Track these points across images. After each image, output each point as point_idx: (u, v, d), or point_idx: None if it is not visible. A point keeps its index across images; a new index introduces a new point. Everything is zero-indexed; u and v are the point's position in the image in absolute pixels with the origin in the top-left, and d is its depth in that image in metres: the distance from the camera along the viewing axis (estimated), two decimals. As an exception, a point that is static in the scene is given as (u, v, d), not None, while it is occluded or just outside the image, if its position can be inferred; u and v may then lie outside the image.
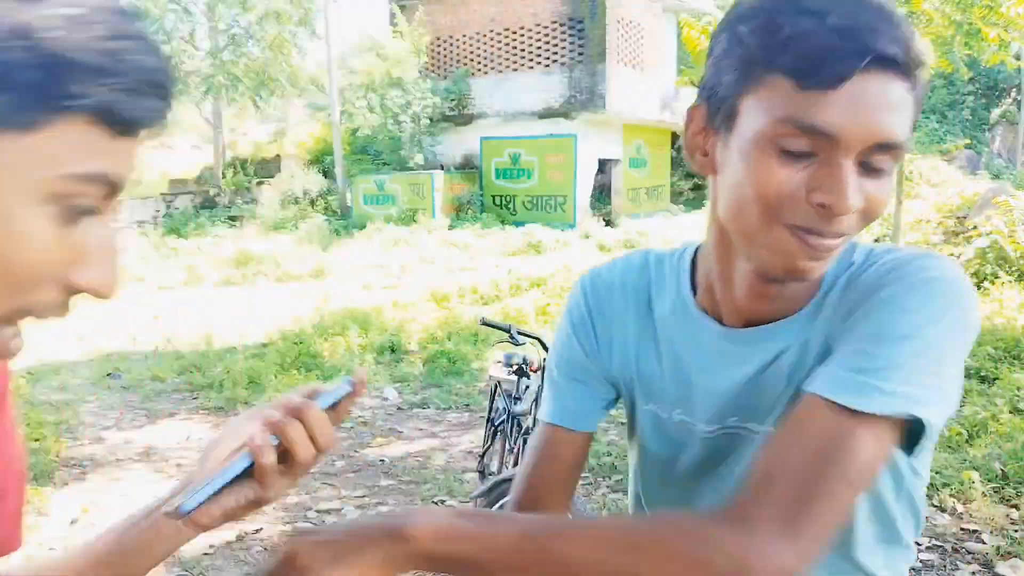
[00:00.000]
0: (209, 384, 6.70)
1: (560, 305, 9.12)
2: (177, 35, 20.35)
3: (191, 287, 14.52)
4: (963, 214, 9.68)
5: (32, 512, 4.17)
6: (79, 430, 5.65)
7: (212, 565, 3.53)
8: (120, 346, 8.87)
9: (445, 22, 19.75)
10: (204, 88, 20.28)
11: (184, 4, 20.25)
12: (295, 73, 20.97)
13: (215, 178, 20.83)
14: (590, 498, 4.12)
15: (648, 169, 20.23)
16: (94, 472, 4.83)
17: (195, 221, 18.82)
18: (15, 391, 1.59)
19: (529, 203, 18.54)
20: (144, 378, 7.11)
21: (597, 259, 13.61)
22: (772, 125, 0.69)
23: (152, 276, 15.16)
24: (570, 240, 15.95)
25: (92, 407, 6.32)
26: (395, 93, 18.56)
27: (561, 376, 0.96)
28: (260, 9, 19.68)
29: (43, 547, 3.77)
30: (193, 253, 16.99)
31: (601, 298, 0.95)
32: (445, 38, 19.83)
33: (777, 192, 0.71)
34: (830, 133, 0.67)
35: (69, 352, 8.71)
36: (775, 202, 0.71)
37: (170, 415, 6.05)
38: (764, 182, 0.71)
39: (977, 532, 3.51)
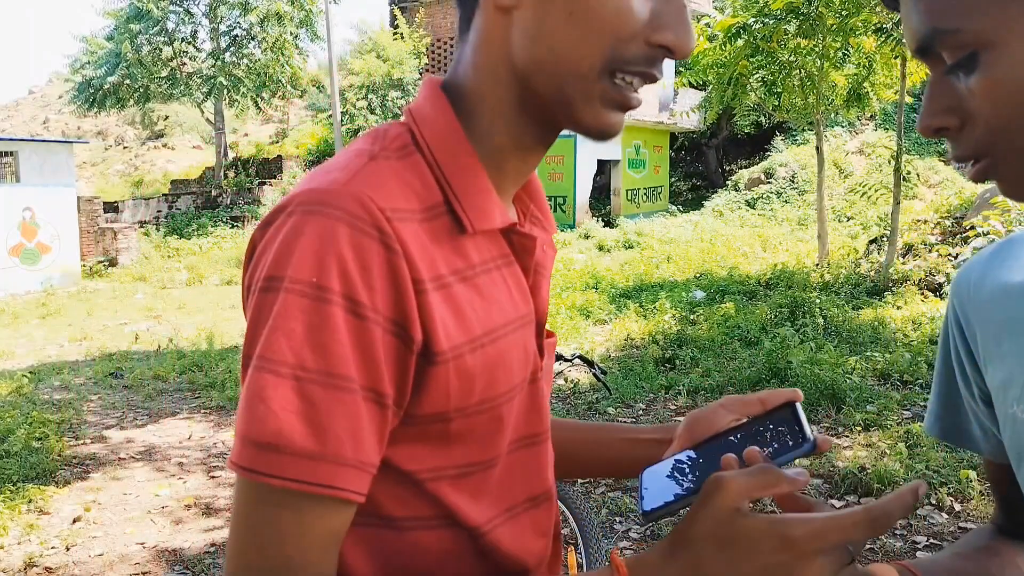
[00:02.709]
0: (211, 383, 6.73)
1: (559, 305, 9.15)
2: (179, 36, 20.40)
3: (193, 287, 14.56)
4: (961, 214, 9.70)
5: (34, 511, 4.20)
6: (81, 429, 5.68)
7: (214, 563, 3.56)
8: (122, 346, 8.90)
9: (445, 23, 19.78)
10: (206, 89, 20.32)
11: (186, 5, 20.28)
12: (296, 74, 21.01)
13: (217, 178, 20.86)
14: (589, 497, 4.15)
15: (647, 170, 20.26)
16: (96, 471, 4.86)
17: (197, 221, 18.86)
18: (17, 390, 1.61)
19: (529, 204, 18.56)
20: (146, 377, 7.14)
21: (597, 259, 13.65)
22: None
23: (154, 276, 15.20)
24: (570, 240, 15.98)
25: (94, 406, 6.35)
26: (395, 94, 18.60)
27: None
28: (261, 11, 19.71)
29: (44, 547, 3.79)
30: (195, 253, 17.03)
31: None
32: (445, 39, 19.85)
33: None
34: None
35: (71, 352, 8.74)
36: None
37: (172, 414, 6.08)
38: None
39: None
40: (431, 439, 0.68)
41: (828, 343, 6.61)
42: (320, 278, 0.59)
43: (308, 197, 0.62)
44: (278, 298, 0.60)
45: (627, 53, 0.66)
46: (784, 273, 9.84)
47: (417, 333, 0.63)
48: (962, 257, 8.44)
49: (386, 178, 0.65)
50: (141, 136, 29.13)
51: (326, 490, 0.60)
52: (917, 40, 0.60)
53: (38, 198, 14.84)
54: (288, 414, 0.59)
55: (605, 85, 0.67)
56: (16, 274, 14.37)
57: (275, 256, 0.61)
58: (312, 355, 0.59)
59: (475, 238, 0.69)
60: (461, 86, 0.72)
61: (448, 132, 0.70)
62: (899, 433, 4.62)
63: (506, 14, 0.68)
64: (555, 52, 0.66)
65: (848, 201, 15.85)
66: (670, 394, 5.93)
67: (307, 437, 0.59)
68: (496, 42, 0.69)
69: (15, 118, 32.32)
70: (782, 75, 9.79)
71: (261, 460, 0.59)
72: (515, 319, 0.72)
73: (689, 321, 8.02)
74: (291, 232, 0.61)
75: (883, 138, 17.18)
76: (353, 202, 0.61)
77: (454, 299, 0.66)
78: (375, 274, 0.60)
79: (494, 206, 0.70)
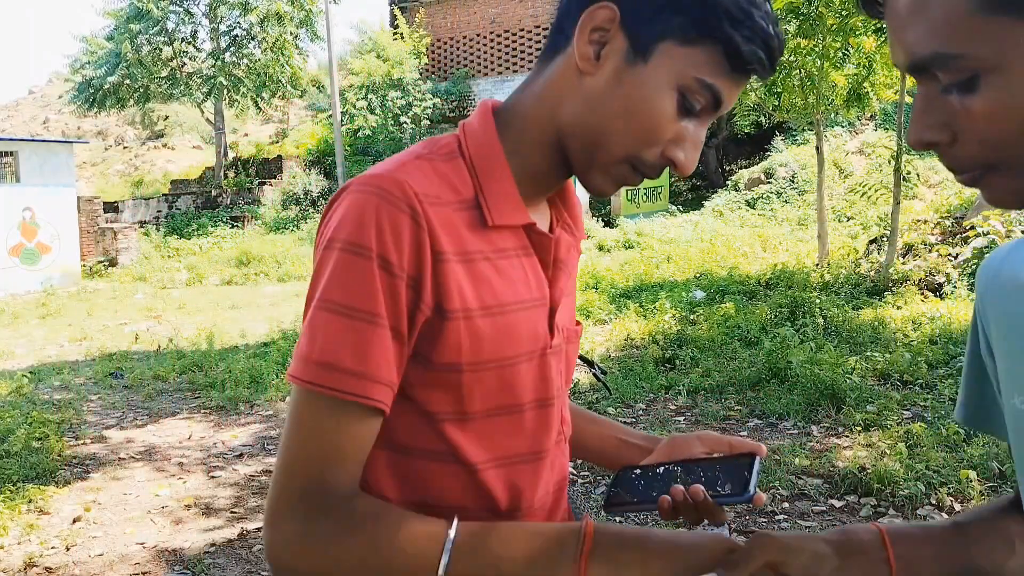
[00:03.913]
0: (211, 383, 6.73)
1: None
2: (179, 36, 20.40)
3: (193, 287, 14.56)
4: (961, 214, 9.70)
5: (34, 511, 4.20)
6: (81, 429, 5.68)
7: (214, 563, 3.56)
8: (122, 346, 8.90)
9: (445, 24, 19.78)
10: (206, 89, 20.31)
11: (186, 5, 20.27)
12: (296, 74, 20.99)
13: (217, 178, 20.85)
14: (588, 497, 4.15)
15: (648, 170, 20.24)
16: (96, 471, 4.86)
17: (197, 221, 18.85)
18: (18, 390, 1.59)
19: (529, 204, 18.56)
20: (146, 377, 7.14)
21: (597, 259, 13.64)
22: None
23: (154, 276, 15.20)
24: (570, 241, 15.97)
25: (94, 406, 6.35)
26: (396, 94, 18.60)
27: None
28: (261, 11, 19.70)
29: (44, 547, 3.79)
30: (195, 253, 17.03)
31: None
32: (445, 40, 19.85)
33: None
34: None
35: (71, 352, 8.74)
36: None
37: (172, 414, 6.08)
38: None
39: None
40: (447, 386, 0.83)
41: (828, 343, 6.61)
42: (362, 239, 0.77)
43: (362, 179, 0.81)
44: (333, 255, 0.79)
45: (647, 155, 0.84)
46: (784, 273, 9.84)
47: (427, 292, 0.79)
48: (962, 257, 8.44)
49: (427, 172, 0.83)
50: (141, 136, 29.12)
51: (364, 400, 0.78)
52: (912, 59, 0.61)
53: (38, 198, 14.84)
54: (339, 341, 0.77)
55: (622, 168, 0.85)
56: (16, 274, 14.37)
57: (335, 223, 0.80)
58: (355, 298, 0.77)
59: (500, 231, 0.86)
60: (518, 110, 0.89)
61: (487, 144, 0.87)
62: (899, 433, 4.62)
63: (580, 75, 0.84)
64: (600, 126, 0.83)
65: (848, 201, 15.84)
66: (670, 394, 5.93)
67: (352, 359, 0.77)
68: (559, 91, 0.86)
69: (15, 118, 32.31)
70: (782, 75, 9.78)
71: (317, 374, 0.77)
72: (528, 300, 0.87)
73: (689, 321, 8.02)
74: (346, 206, 0.80)
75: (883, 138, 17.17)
76: (393, 184, 0.79)
77: (476, 272, 0.82)
78: (404, 240, 0.78)
79: (515, 207, 0.87)
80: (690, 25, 0.79)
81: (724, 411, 5.46)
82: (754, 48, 0.80)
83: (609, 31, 0.82)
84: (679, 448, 0.97)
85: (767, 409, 5.35)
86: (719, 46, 0.79)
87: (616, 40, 0.82)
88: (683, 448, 0.97)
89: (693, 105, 0.81)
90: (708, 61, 0.80)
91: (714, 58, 0.80)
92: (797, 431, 4.98)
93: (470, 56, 19.50)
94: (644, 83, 0.81)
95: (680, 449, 0.97)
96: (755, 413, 5.40)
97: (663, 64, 0.80)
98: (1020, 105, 0.57)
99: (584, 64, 0.83)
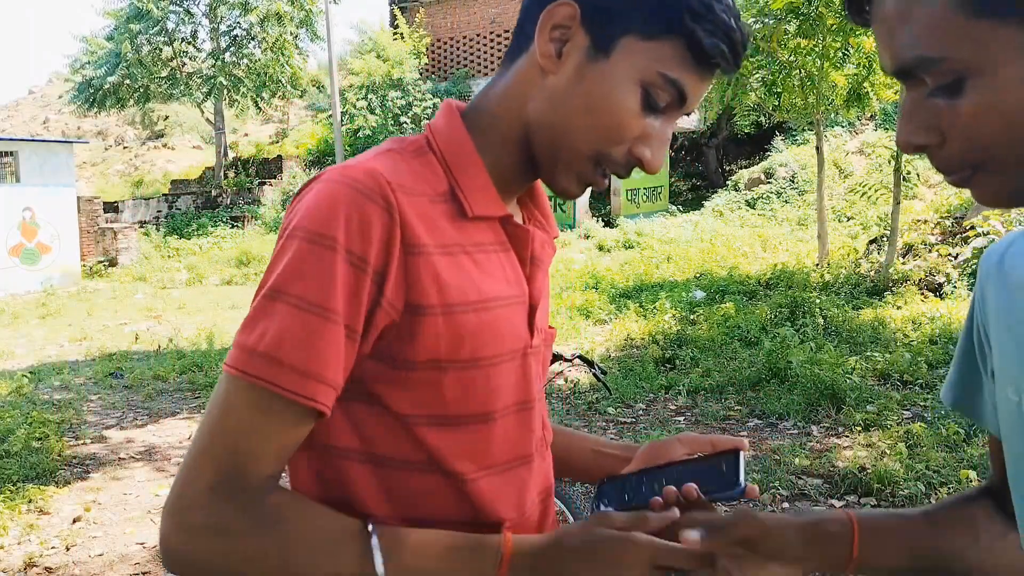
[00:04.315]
0: (211, 383, 6.73)
1: (559, 304, 9.15)
2: (179, 36, 20.40)
3: (193, 287, 14.56)
4: (961, 214, 9.70)
5: (34, 511, 4.20)
6: (81, 429, 5.68)
7: (214, 562, 3.56)
8: (122, 346, 8.90)
9: (445, 24, 19.78)
10: (206, 89, 20.30)
11: (186, 5, 20.27)
12: (296, 74, 20.98)
13: (217, 178, 20.85)
14: (589, 497, 4.15)
15: (648, 170, 20.24)
16: (96, 471, 4.86)
17: (197, 221, 18.85)
18: (18, 390, 1.56)
19: (529, 204, 18.56)
20: (146, 377, 7.14)
21: (597, 259, 13.64)
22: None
23: (154, 276, 15.20)
24: (570, 240, 15.98)
25: (94, 406, 6.35)
26: (396, 94, 18.59)
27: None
28: (261, 11, 19.70)
29: (44, 547, 3.79)
30: (195, 253, 17.03)
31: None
32: (445, 40, 19.85)
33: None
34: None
35: (71, 352, 8.74)
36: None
37: (172, 414, 6.08)
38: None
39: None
40: (426, 386, 0.79)
41: (828, 343, 6.61)
42: (328, 230, 0.73)
43: (333, 170, 0.78)
44: (294, 243, 0.74)
45: (613, 153, 0.82)
46: (784, 273, 9.84)
47: (392, 288, 0.76)
48: (962, 257, 8.44)
49: (400, 164, 0.81)
50: (141, 136, 29.12)
51: (304, 400, 0.73)
52: (898, 64, 0.62)
53: (38, 198, 14.84)
54: (288, 335, 0.72)
55: (587, 167, 0.83)
56: (16, 274, 14.37)
57: (300, 213, 0.76)
58: (316, 291, 0.73)
59: (477, 224, 0.83)
60: (485, 110, 0.87)
61: (458, 140, 0.85)
62: (899, 433, 4.62)
63: (543, 74, 0.82)
64: (563, 125, 0.82)
65: (848, 201, 15.84)
66: (670, 394, 5.93)
67: (299, 355, 0.72)
68: (523, 90, 0.84)
69: (15, 118, 32.31)
70: (782, 75, 9.78)
71: (259, 367, 0.72)
72: (508, 296, 0.84)
73: (689, 321, 8.02)
74: (314, 195, 0.76)
75: (883, 138, 17.17)
76: (365, 175, 0.76)
77: (457, 265, 0.79)
78: (373, 233, 0.74)
79: (492, 199, 0.84)
80: (651, 20, 0.78)
81: (724, 411, 5.46)
82: (716, 42, 0.78)
83: (570, 28, 0.81)
84: (659, 453, 0.95)
85: (767, 409, 5.35)
86: (681, 40, 0.78)
87: (577, 37, 0.80)
88: (664, 452, 0.94)
89: (657, 101, 0.80)
90: (671, 56, 0.79)
91: (677, 53, 0.79)
92: (797, 431, 4.98)
93: (470, 56, 19.50)
94: (607, 79, 0.79)
95: (660, 454, 0.94)
96: (755, 413, 5.40)
97: (625, 60, 0.79)
98: (1005, 106, 0.58)
99: (546, 62, 0.81)
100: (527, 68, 0.84)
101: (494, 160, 0.86)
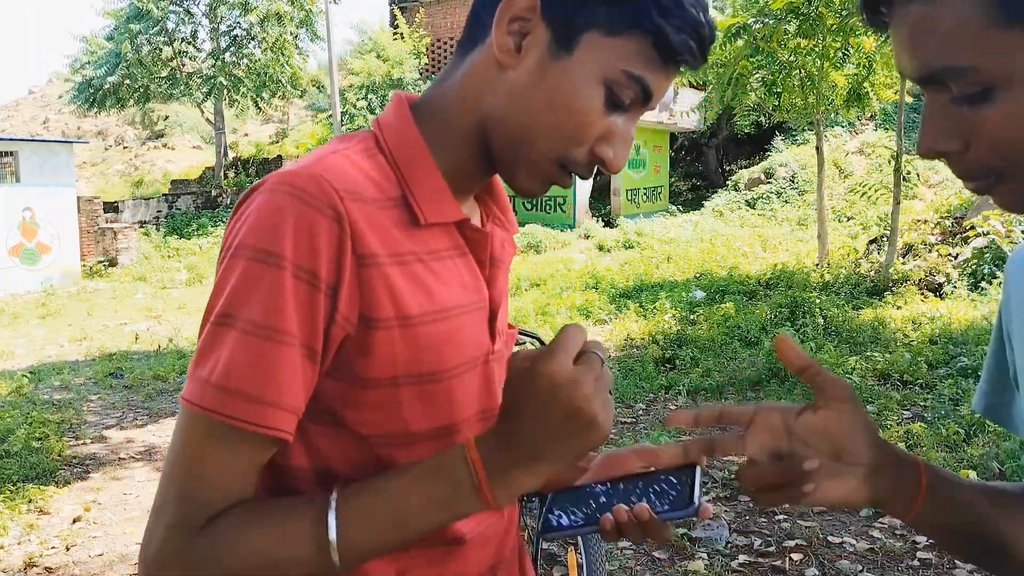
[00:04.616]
0: (210, 384, 6.72)
1: (559, 304, 9.15)
2: (179, 36, 20.40)
3: (193, 287, 14.55)
4: (961, 214, 9.70)
5: (34, 511, 4.20)
6: (81, 429, 5.68)
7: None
8: (122, 346, 8.90)
9: (445, 24, 19.78)
10: (206, 89, 20.31)
11: (186, 5, 20.27)
12: (296, 74, 20.99)
13: (217, 178, 20.85)
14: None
15: (647, 170, 20.26)
16: (96, 471, 4.86)
17: (197, 221, 18.85)
18: (18, 390, 1.56)
19: (529, 203, 18.56)
20: (146, 377, 7.14)
21: (597, 259, 13.64)
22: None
23: (154, 276, 15.20)
24: (570, 240, 15.98)
25: (94, 406, 6.35)
26: (396, 94, 18.56)
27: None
28: (261, 11, 19.70)
29: (44, 547, 3.79)
30: (195, 253, 17.03)
31: None
32: (445, 40, 19.86)
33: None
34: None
35: (71, 352, 8.74)
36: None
37: (172, 414, 6.08)
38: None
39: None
40: (386, 405, 0.75)
41: (828, 343, 6.61)
42: (274, 246, 0.69)
43: (274, 179, 0.72)
44: (239, 264, 0.70)
45: (575, 153, 0.78)
46: (784, 273, 9.84)
47: (345, 303, 0.71)
48: (962, 257, 8.44)
49: (346, 167, 0.74)
50: (141, 136, 29.12)
51: (262, 429, 0.69)
52: (924, 72, 0.60)
53: (38, 198, 14.83)
54: (238, 362, 0.68)
55: (549, 167, 0.79)
56: (16, 274, 14.37)
57: (242, 228, 0.71)
58: (265, 314, 0.69)
59: (431, 229, 0.78)
60: (437, 103, 0.82)
61: (408, 138, 0.80)
62: (899, 433, 4.62)
63: (500, 69, 0.77)
64: (524, 124, 0.77)
65: (848, 201, 15.84)
66: (670, 394, 5.93)
67: (252, 383, 0.68)
68: (479, 85, 0.79)
69: (15, 118, 32.31)
70: (782, 75, 9.79)
71: (214, 400, 0.69)
72: (467, 303, 0.80)
73: (689, 321, 8.02)
74: (256, 208, 0.71)
75: (883, 138, 17.17)
76: (310, 181, 0.71)
77: (411, 275, 0.75)
78: (322, 246, 0.70)
79: (446, 203, 0.79)
80: (616, 15, 0.74)
81: (724, 411, 5.46)
82: (685, 38, 0.74)
83: (530, 21, 0.76)
84: (616, 464, 0.91)
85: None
86: (648, 37, 0.74)
87: (538, 31, 0.76)
88: (619, 464, 0.90)
89: (621, 99, 0.76)
90: (636, 53, 0.74)
91: (643, 49, 0.74)
92: (797, 431, 4.98)
93: (470, 56, 19.51)
94: (569, 77, 0.75)
95: (616, 466, 0.90)
96: (755, 413, 5.40)
97: (589, 57, 0.75)
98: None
99: (504, 57, 0.76)
100: (483, 61, 0.79)
101: (448, 158, 0.81)
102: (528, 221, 17.49)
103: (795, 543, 3.52)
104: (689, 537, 3.55)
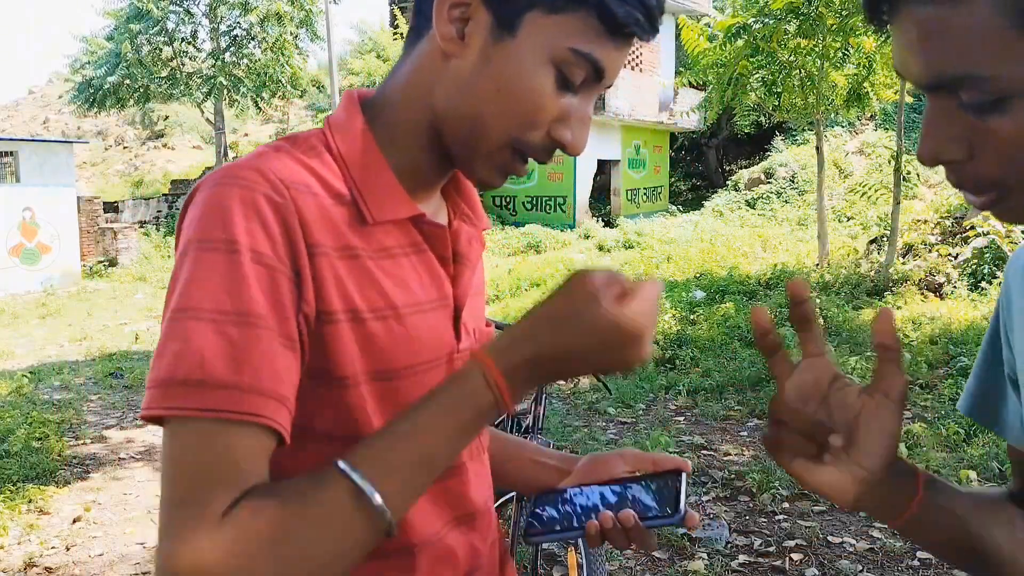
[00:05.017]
0: (210, 384, 6.73)
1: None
2: (179, 36, 20.40)
3: (192, 287, 14.54)
4: (961, 214, 9.70)
5: (34, 511, 4.20)
6: (81, 429, 5.68)
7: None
8: (122, 346, 8.90)
9: (446, 23, 19.78)
10: (206, 89, 20.31)
11: (186, 5, 20.27)
12: (296, 74, 20.98)
13: (216, 179, 20.85)
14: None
15: (647, 170, 20.26)
16: (96, 471, 4.86)
17: (196, 222, 18.85)
18: (18, 390, 1.57)
19: (529, 203, 18.58)
20: (146, 377, 7.13)
21: (597, 259, 13.63)
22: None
23: (154, 276, 15.19)
24: (570, 240, 15.98)
25: (94, 406, 6.35)
26: (396, 94, 18.59)
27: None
28: (261, 11, 19.70)
29: (44, 547, 3.79)
30: (194, 254, 17.04)
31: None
32: (446, 39, 19.87)
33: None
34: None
35: (71, 352, 8.74)
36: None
37: (172, 414, 6.08)
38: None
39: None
40: (343, 406, 0.72)
41: (828, 343, 6.61)
42: (225, 233, 0.65)
43: (215, 174, 0.70)
44: (190, 257, 0.66)
45: (531, 138, 0.75)
46: (784, 273, 9.84)
47: (308, 288, 0.68)
48: (962, 257, 8.44)
49: (290, 163, 0.72)
50: (141, 136, 29.12)
51: (248, 417, 0.63)
52: (935, 78, 0.56)
53: (38, 198, 14.83)
54: (208, 351, 0.62)
55: (505, 155, 0.76)
56: (16, 274, 14.37)
57: (189, 226, 0.68)
58: (227, 299, 0.64)
59: (383, 226, 0.76)
60: (387, 100, 0.80)
61: (357, 136, 0.78)
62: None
63: (445, 59, 0.75)
64: (474, 112, 0.75)
65: (848, 201, 15.84)
66: (670, 394, 5.93)
67: (227, 370, 0.62)
68: (427, 77, 0.77)
69: (15, 118, 32.31)
70: (782, 75, 9.79)
71: (184, 396, 0.62)
72: (425, 301, 0.77)
73: (689, 321, 8.02)
74: (200, 203, 0.68)
75: (883, 138, 17.17)
76: (252, 172, 0.69)
77: (360, 269, 0.72)
78: (274, 230, 0.67)
79: (398, 199, 0.77)
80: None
81: (724, 411, 5.46)
82: (629, 9, 0.71)
83: (470, 6, 0.73)
84: (600, 468, 0.90)
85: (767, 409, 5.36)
86: (591, 11, 0.71)
87: (479, 15, 0.73)
88: (604, 468, 0.90)
89: (572, 79, 0.73)
90: (582, 29, 0.72)
91: (588, 24, 0.72)
92: (797, 431, 4.98)
93: (470, 56, 19.52)
94: (515, 59, 0.72)
95: (601, 469, 0.90)
96: (755, 413, 5.41)
97: (533, 36, 0.72)
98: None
99: (448, 45, 0.74)
100: (428, 52, 0.76)
101: (401, 155, 0.78)
102: (528, 221, 17.50)
103: (795, 543, 3.52)
104: (689, 537, 3.55)
